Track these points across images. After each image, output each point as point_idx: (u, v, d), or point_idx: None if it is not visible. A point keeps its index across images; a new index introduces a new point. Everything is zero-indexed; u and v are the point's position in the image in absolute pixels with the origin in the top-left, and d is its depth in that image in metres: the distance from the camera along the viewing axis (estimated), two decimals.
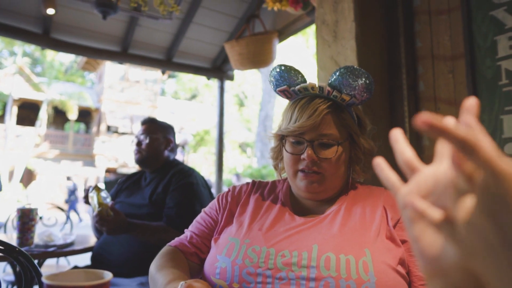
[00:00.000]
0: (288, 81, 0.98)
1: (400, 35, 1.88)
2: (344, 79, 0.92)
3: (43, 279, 0.51)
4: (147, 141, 1.95)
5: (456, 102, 1.67)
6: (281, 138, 1.01)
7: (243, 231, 0.92)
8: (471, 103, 0.31)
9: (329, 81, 0.95)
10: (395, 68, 1.87)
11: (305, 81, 0.98)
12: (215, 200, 1.09)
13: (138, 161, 1.95)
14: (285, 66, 0.98)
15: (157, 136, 1.98)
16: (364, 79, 0.93)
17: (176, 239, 1.06)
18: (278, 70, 0.99)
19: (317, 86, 0.95)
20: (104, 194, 1.57)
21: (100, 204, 1.53)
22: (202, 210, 1.10)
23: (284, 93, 1.00)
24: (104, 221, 1.53)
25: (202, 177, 1.97)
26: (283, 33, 3.24)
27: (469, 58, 1.61)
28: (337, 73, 0.93)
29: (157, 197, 1.83)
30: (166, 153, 2.00)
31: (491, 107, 1.54)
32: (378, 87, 1.85)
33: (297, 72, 0.98)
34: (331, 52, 1.89)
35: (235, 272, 0.83)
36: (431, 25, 1.81)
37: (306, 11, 2.51)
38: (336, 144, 0.94)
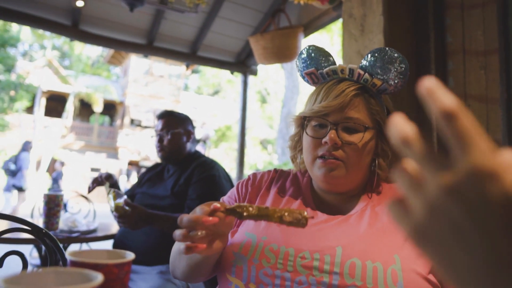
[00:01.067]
0: (316, 64, 0.91)
1: (430, 30, 1.82)
2: (377, 62, 0.86)
3: (67, 255, 0.52)
4: (169, 137, 1.94)
5: (488, 99, 1.61)
6: (302, 122, 0.92)
7: (261, 226, 0.85)
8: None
9: (361, 64, 0.88)
10: (424, 64, 1.82)
11: (334, 63, 0.91)
12: (234, 189, 1.03)
13: (163, 158, 1.96)
14: (315, 46, 0.92)
15: (178, 130, 1.96)
16: (398, 63, 0.86)
17: None
18: (307, 50, 0.92)
19: (347, 68, 0.89)
20: (117, 193, 1.58)
21: (116, 206, 1.54)
22: (221, 198, 1.05)
23: (310, 77, 0.93)
24: (123, 218, 1.55)
25: (224, 170, 1.96)
26: (309, 28, 3.20)
27: (503, 54, 1.55)
28: (370, 55, 0.87)
29: (179, 189, 1.83)
30: (189, 145, 2.00)
31: None
32: (406, 84, 1.80)
33: (327, 54, 0.92)
34: (358, 47, 1.86)
35: (251, 272, 0.78)
36: (463, 19, 1.75)
37: (333, 5, 2.47)
38: (363, 130, 0.85)
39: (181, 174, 1.90)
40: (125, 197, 1.58)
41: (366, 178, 0.92)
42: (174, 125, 1.97)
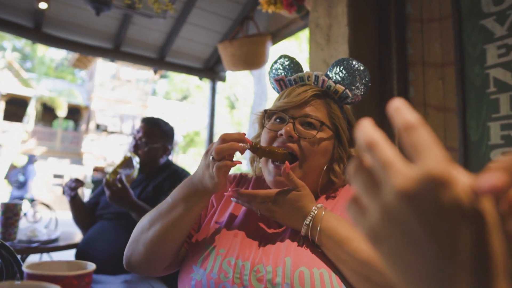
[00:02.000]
0: (286, 72, 0.96)
1: (392, 42, 1.90)
2: (341, 71, 0.90)
3: (24, 268, 0.50)
4: (145, 149, 1.91)
5: (445, 108, 1.69)
6: (263, 120, 0.95)
7: (219, 238, 0.87)
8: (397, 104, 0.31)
9: (326, 72, 0.93)
10: (386, 74, 1.89)
11: (302, 71, 0.96)
12: None
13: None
14: (288, 56, 0.97)
15: (156, 145, 1.94)
16: (362, 74, 0.90)
17: None
18: (281, 60, 0.97)
19: (313, 75, 0.93)
20: (127, 163, 1.63)
21: (113, 171, 1.66)
22: None
23: (279, 83, 0.97)
24: (109, 187, 1.63)
25: None
26: (277, 36, 3.25)
27: (458, 66, 1.63)
28: (335, 64, 0.91)
29: (146, 196, 1.82)
30: (162, 160, 2.00)
31: (478, 114, 1.56)
32: (369, 93, 1.86)
33: (298, 64, 0.97)
34: (324, 56, 1.90)
35: (210, 286, 0.79)
36: (422, 32, 1.83)
37: (300, 14, 2.52)
38: (319, 126, 0.88)
39: (149, 181, 1.88)
40: (135, 171, 1.68)
41: (319, 182, 0.93)
42: (154, 139, 1.95)
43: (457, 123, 1.62)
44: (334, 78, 0.91)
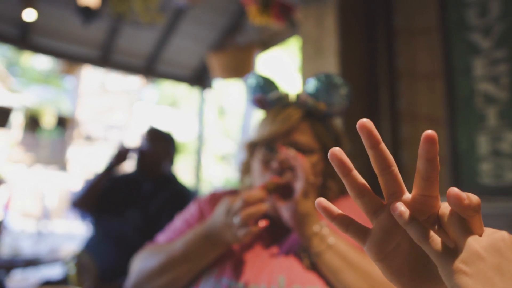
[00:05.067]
0: (263, 90, 0.94)
1: (381, 53, 1.91)
2: (320, 86, 0.88)
3: None
4: (157, 154, 1.95)
5: (435, 119, 1.70)
6: (252, 149, 0.95)
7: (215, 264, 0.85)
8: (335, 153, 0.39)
9: (305, 88, 0.91)
10: (375, 85, 1.90)
11: (280, 90, 0.95)
12: (196, 206, 1.01)
13: (141, 173, 1.93)
14: (260, 75, 0.95)
15: (165, 149, 1.99)
16: (341, 88, 0.89)
17: (150, 243, 0.98)
18: (253, 79, 0.95)
19: (292, 94, 0.92)
20: (81, 270, 1.52)
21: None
22: (178, 217, 1.02)
23: (259, 102, 0.96)
24: None
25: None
26: (266, 45, 3.26)
27: (446, 78, 1.65)
28: (313, 81, 0.90)
29: (151, 213, 1.85)
30: (167, 166, 2.02)
31: (466, 126, 1.58)
32: (358, 104, 1.87)
33: (272, 81, 0.95)
34: (315, 66, 1.91)
35: None
36: (411, 43, 1.85)
37: (289, 25, 2.53)
38: (309, 152, 0.88)
39: (155, 196, 1.88)
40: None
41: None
42: (163, 143, 2.01)
43: (446, 134, 1.63)
44: (315, 95, 0.90)
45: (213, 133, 22.73)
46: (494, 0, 1.55)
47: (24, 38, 3.25)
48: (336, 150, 0.38)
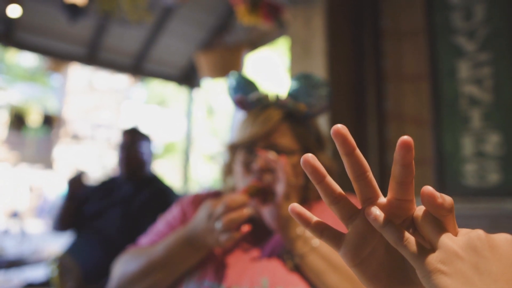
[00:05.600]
0: (243, 91, 0.94)
1: (368, 54, 1.93)
2: (300, 87, 0.88)
3: None
4: (137, 154, 1.94)
5: (421, 120, 1.72)
6: (233, 150, 0.95)
7: (197, 267, 0.85)
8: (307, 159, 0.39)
9: (285, 89, 0.91)
10: (362, 86, 1.92)
11: (260, 90, 0.94)
12: (178, 207, 1.00)
13: (127, 173, 1.92)
14: (240, 75, 0.95)
15: (144, 150, 1.97)
16: (321, 88, 0.89)
17: (132, 246, 0.97)
18: (233, 79, 0.94)
19: (272, 95, 0.92)
20: (63, 271, 1.51)
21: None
22: (161, 219, 1.01)
23: (240, 103, 0.96)
24: None
25: (179, 197, 1.97)
26: (254, 44, 3.26)
27: (431, 80, 1.67)
28: (293, 81, 0.89)
29: (132, 213, 1.83)
30: (149, 166, 2.01)
31: (451, 127, 1.60)
32: (345, 105, 1.88)
33: (252, 82, 0.95)
34: (304, 67, 1.92)
35: None
36: (398, 45, 1.87)
37: (278, 26, 2.53)
38: (290, 154, 0.88)
39: (136, 196, 1.86)
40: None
41: (301, 200, 0.94)
42: (143, 143, 1.99)
43: (431, 136, 1.65)
44: (294, 95, 0.90)
45: (201, 132, 22.66)
46: (478, 4, 1.58)
47: (9, 35, 3.19)
48: (309, 156, 0.37)
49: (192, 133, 4.30)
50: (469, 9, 1.60)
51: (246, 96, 0.93)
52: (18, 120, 20.26)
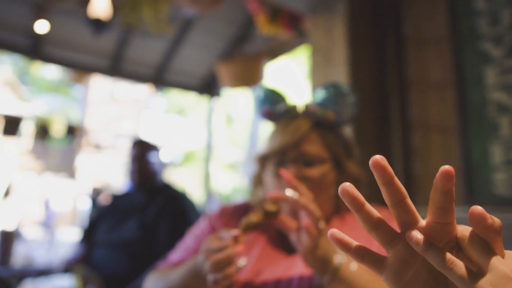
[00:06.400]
0: (271, 103, 0.94)
1: (391, 62, 1.91)
2: (328, 96, 0.88)
3: None
4: (148, 164, 1.97)
5: (447, 129, 1.69)
6: (263, 161, 0.95)
7: None
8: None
9: (314, 99, 0.91)
10: (385, 95, 1.89)
11: (288, 101, 0.94)
12: (206, 221, 1.00)
13: (139, 184, 1.96)
14: (267, 88, 0.95)
15: (155, 158, 1.99)
16: (349, 96, 0.89)
17: (162, 263, 0.98)
18: (260, 92, 0.95)
19: (300, 105, 0.92)
20: (85, 278, 1.55)
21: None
22: (189, 234, 1.01)
23: (268, 115, 0.96)
24: None
25: (193, 203, 1.99)
26: (274, 53, 3.27)
27: (457, 88, 1.63)
28: (320, 90, 0.89)
29: (148, 222, 1.83)
30: (161, 176, 2.03)
31: (479, 135, 1.56)
32: (368, 114, 1.86)
33: (280, 93, 0.95)
34: (325, 76, 1.91)
35: None
36: (421, 53, 1.84)
37: (298, 35, 2.54)
38: (320, 163, 0.88)
39: (150, 205, 1.88)
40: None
41: (332, 208, 0.93)
42: (153, 154, 2.02)
43: (458, 145, 1.61)
44: (322, 103, 0.89)
45: (221, 141, 22.79)
46: (505, 9, 1.54)
47: (36, 49, 3.30)
48: (347, 186, 0.37)
49: (212, 142, 4.32)
50: (496, 14, 1.56)
51: (274, 107, 0.93)
52: (42, 131, 20.83)
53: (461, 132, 1.60)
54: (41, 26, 2.88)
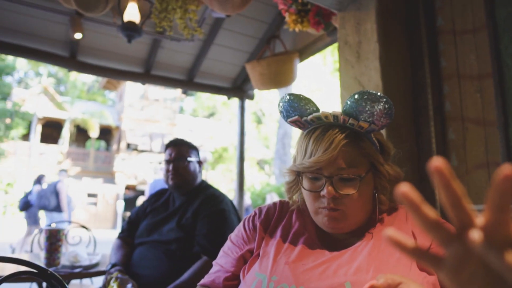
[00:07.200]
0: (299, 111, 0.90)
1: (424, 55, 1.86)
2: (359, 106, 0.84)
3: None
4: (185, 165, 1.94)
5: (485, 122, 1.63)
6: (297, 173, 0.93)
7: (269, 265, 0.86)
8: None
9: (344, 109, 0.87)
10: (420, 89, 1.86)
11: (317, 109, 0.90)
12: (240, 226, 1.02)
13: (175, 186, 1.94)
14: (294, 95, 0.91)
15: (193, 159, 1.98)
16: (382, 104, 0.84)
17: (206, 277, 1.01)
18: (287, 100, 0.91)
19: (331, 114, 0.88)
20: (121, 281, 1.57)
21: None
22: (229, 237, 1.04)
23: (296, 124, 0.93)
24: None
25: (232, 203, 1.97)
26: (304, 53, 3.26)
27: (497, 78, 1.58)
28: (352, 100, 0.85)
29: (186, 222, 1.83)
30: (199, 175, 2.02)
31: None
32: (402, 109, 1.83)
33: (308, 100, 0.90)
34: (354, 73, 1.89)
35: None
36: (456, 44, 1.79)
37: (328, 31, 2.52)
38: (358, 179, 0.86)
39: (188, 206, 1.89)
40: (130, 285, 1.56)
41: (369, 215, 0.93)
42: (189, 154, 1.99)
43: (499, 138, 1.56)
44: (354, 114, 0.86)
45: (251, 140, 22.87)
46: None
47: (73, 59, 3.44)
48: (404, 189, 0.37)
49: (244, 142, 4.36)
50: None
51: (302, 117, 0.91)
52: (80, 135, 21.64)
53: (502, 125, 1.55)
54: (78, 38, 3.01)
